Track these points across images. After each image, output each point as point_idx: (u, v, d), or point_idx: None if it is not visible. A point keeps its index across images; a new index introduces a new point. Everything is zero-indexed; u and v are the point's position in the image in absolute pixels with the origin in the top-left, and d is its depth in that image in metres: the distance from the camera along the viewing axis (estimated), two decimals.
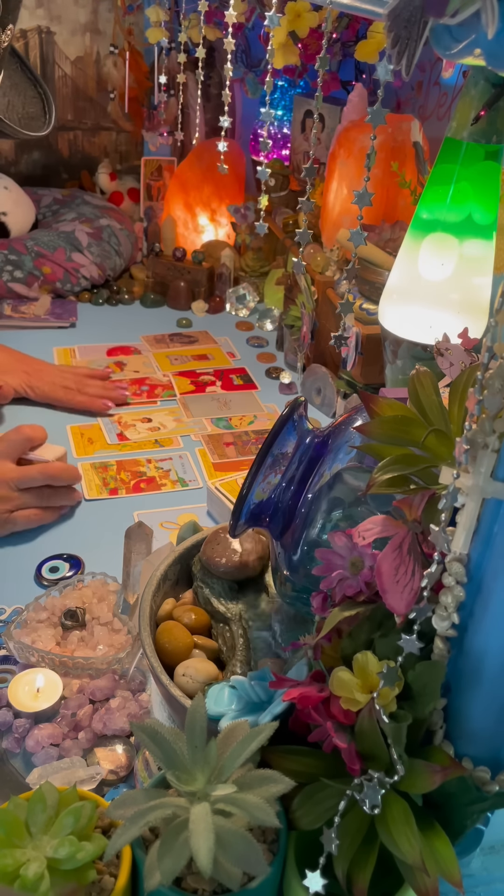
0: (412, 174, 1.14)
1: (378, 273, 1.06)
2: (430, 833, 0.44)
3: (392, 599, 0.44)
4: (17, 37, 1.73)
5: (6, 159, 1.82)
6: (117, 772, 0.66)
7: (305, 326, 1.26)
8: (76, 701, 0.70)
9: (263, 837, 0.48)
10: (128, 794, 0.45)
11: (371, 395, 0.51)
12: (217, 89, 1.72)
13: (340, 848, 0.43)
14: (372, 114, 0.42)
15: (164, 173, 1.72)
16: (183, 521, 0.91)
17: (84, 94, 1.84)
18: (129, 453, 1.12)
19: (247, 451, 1.14)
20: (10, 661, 0.75)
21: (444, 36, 0.36)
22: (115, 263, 1.62)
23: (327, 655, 0.49)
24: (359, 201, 0.44)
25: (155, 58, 1.61)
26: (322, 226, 1.35)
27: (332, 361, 1.23)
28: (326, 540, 0.53)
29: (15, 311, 1.46)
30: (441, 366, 0.56)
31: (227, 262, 1.59)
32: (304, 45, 1.36)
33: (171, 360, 1.39)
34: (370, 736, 0.44)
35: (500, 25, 0.31)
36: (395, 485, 0.47)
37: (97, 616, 0.78)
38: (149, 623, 0.60)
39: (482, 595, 0.44)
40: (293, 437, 0.59)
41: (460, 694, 0.46)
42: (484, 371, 0.38)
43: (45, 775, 0.64)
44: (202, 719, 0.46)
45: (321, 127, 1.48)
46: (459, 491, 0.41)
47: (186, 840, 0.41)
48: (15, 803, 0.46)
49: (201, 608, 0.64)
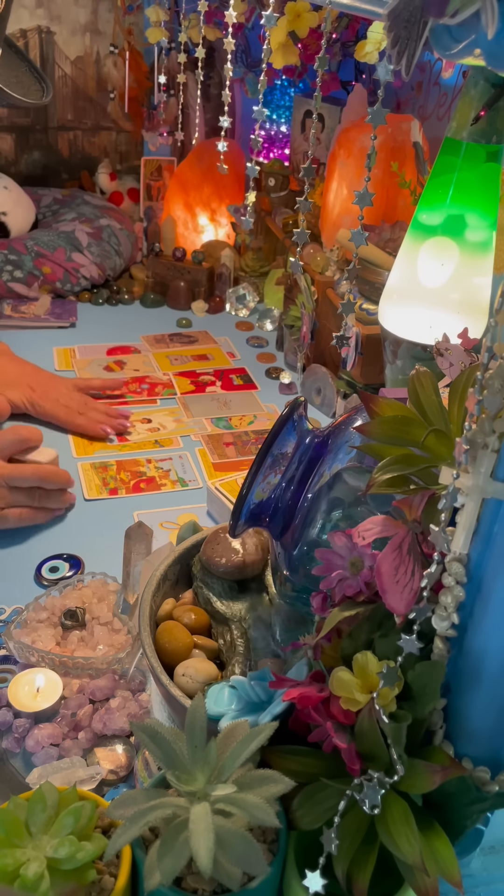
0: (412, 174, 1.14)
1: (378, 273, 1.06)
2: (430, 833, 0.44)
3: (392, 599, 0.44)
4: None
5: (6, 159, 1.82)
6: (117, 772, 0.66)
7: (305, 326, 1.26)
8: (76, 701, 0.70)
9: (263, 837, 0.48)
10: (128, 794, 0.45)
11: (371, 395, 0.51)
12: (217, 89, 1.72)
13: (340, 848, 0.43)
14: (372, 114, 0.42)
15: (164, 173, 1.72)
16: (183, 521, 0.91)
17: (84, 94, 1.84)
18: (128, 453, 1.12)
19: (247, 451, 1.14)
20: (10, 661, 0.75)
21: (443, 36, 0.35)
22: (115, 263, 1.62)
23: (327, 655, 0.49)
24: (359, 201, 0.44)
25: (155, 58, 1.61)
26: (322, 226, 1.35)
27: (332, 361, 1.23)
28: (326, 540, 0.53)
29: (15, 310, 1.46)
30: (441, 366, 0.56)
31: (226, 262, 1.59)
32: (304, 45, 1.36)
33: (171, 360, 1.39)
34: (370, 736, 0.44)
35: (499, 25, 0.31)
36: (395, 485, 0.47)
37: (97, 616, 0.78)
38: (149, 623, 0.60)
39: (482, 595, 0.44)
40: (293, 437, 0.59)
41: (460, 694, 0.46)
42: (484, 371, 0.38)
43: (45, 775, 0.64)
44: (202, 719, 0.46)
45: (321, 127, 1.48)
46: (459, 491, 0.41)
47: (186, 840, 0.41)
48: (15, 803, 0.46)
49: (201, 608, 0.64)
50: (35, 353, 1.30)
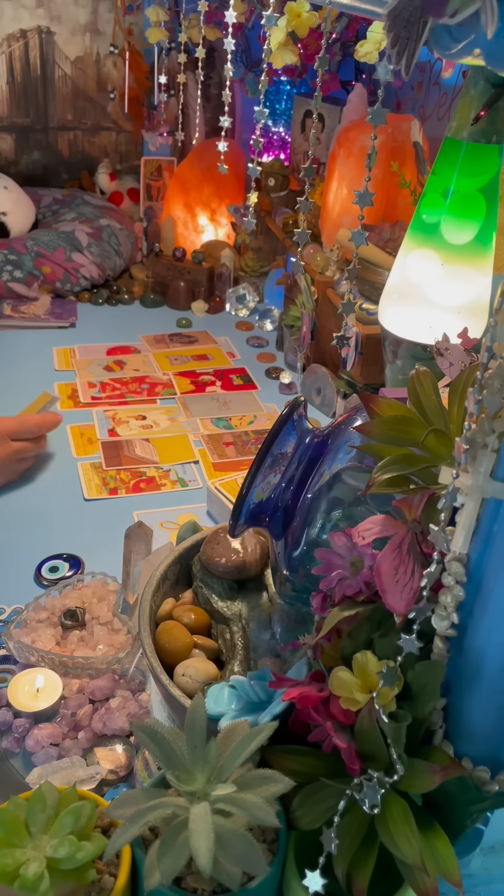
0: (412, 174, 1.14)
1: (378, 273, 1.06)
2: (429, 833, 0.44)
3: (392, 599, 0.44)
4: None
5: (6, 159, 1.82)
6: (117, 771, 0.66)
7: (305, 326, 1.26)
8: (76, 701, 0.70)
9: (263, 837, 0.48)
10: (127, 794, 0.45)
11: (371, 395, 0.51)
12: (217, 89, 1.72)
13: (340, 848, 0.43)
14: (372, 114, 0.42)
15: (164, 173, 1.72)
16: (183, 521, 0.91)
17: (84, 94, 1.83)
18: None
19: (246, 451, 1.14)
20: (10, 660, 0.75)
21: (443, 36, 0.35)
22: (114, 263, 1.62)
23: (327, 655, 0.49)
24: (360, 201, 0.44)
25: (155, 58, 1.61)
26: (322, 226, 1.35)
27: (332, 361, 1.23)
28: (326, 540, 0.53)
29: (15, 311, 1.46)
30: (441, 366, 0.56)
31: (226, 262, 1.59)
32: (304, 45, 1.36)
33: (171, 360, 1.39)
34: (370, 736, 0.44)
35: (499, 25, 0.31)
36: (395, 485, 0.47)
37: (97, 616, 0.78)
38: (149, 623, 0.60)
39: (482, 595, 0.44)
40: (293, 437, 0.59)
41: (460, 694, 0.46)
42: (483, 371, 0.38)
43: (45, 775, 0.64)
44: (202, 719, 0.46)
45: (321, 127, 1.48)
46: (459, 491, 0.41)
47: (186, 840, 0.41)
48: (15, 803, 0.46)
49: (201, 608, 0.63)
50: (35, 353, 1.30)
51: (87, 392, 1.26)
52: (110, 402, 1.24)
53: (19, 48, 1.75)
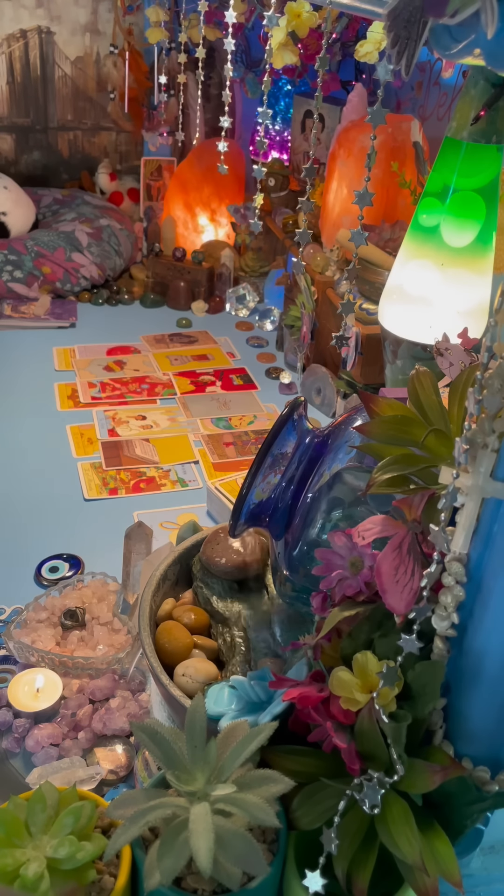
0: (412, 174, 1.14)
1: (378, 273, 1.06)
2: (430, 833, 0.44)
3: (392, 599, 0.44)
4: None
5: (6, 159, 1.82)
6: (117, 772, 0.66)
7: (305, 326, 1.26)
8: (76, 701, 0.70)
9: (263, 837, 0.48)
10: (128, 794, 0.45)
11: (371, 395, 0.51)
12: (217, 89, 1.72)
13: (340, 848, 0.43)
14: (372, 114, 0.42)
15: (164, 173, 1.72)
16: (183, 521, 0.91)
17: (84, 94, 1.84)
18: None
19: (247, 451, 1.14)
20: (10, 661, 0.75)
21: (443, 36, 0.35)
22: (115, 263, 1.62)
23: (327, 655, 0.49)
24: (359, 201, 0.44)
25: (155, 58, 1.61)
26: (322, 226, 1.35)
27: (332, 361, 1.23)
28: (326, 540, 0.53)
29: (15, 311, 1.46)
30: (441, 366, 0.56)
31: (226, 262, 1.59)
32: (304, 45, 1.36)
33: (171, 360, 1.39)
34: (370, 736, 0.44)
35: (499, 25, 0.31)
36: (395, 485, 0.47)
37: (97, 616, 0.78)
38: (149, 623, 0.60)
39: (482, 595, 0.44)
40: (293, 437, 0.59)
41: (460, 694, 0.46)
42: (483, 371, 0.38)
43: (45, 775, 0.64)
44: (202, 719, 0.46)
45: (321, 127, 1.48)
46: (459, 491, 0.41)
47: (186, 840, 0.41)
48: (15, 803, 0.46)
49: (201, 608, 0.63)
50: (35, 353, 1.30)
51: (87, 392, 1.26)
52: (110, 402, 1.24)
53: (19, 48, 1.75)
